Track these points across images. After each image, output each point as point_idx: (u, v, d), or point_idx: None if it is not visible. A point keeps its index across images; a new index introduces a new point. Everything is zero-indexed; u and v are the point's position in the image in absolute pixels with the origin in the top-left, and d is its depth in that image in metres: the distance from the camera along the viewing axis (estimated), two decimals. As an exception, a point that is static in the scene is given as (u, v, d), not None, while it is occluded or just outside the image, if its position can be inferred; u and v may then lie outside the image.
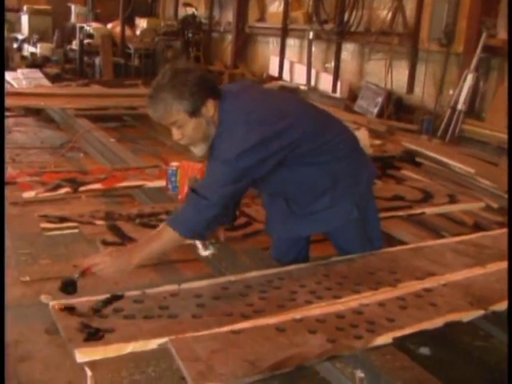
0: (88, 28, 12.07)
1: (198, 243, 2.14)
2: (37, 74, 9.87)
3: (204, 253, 2.15)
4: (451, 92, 6.89)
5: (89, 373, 1.98)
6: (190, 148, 2.13)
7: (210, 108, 2.00)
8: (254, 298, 1.97)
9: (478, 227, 3.53)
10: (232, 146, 1.97)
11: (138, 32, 12.69)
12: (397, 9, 7.75)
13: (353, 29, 8.38)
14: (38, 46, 12.39)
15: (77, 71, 11.60)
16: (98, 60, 11.45)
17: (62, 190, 3.21)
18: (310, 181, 2.18)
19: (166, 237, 1.99)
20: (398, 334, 1.81)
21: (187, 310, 1.84)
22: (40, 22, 13.48)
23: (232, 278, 2.14)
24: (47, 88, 8.58)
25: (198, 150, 2.10)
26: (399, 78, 7.71)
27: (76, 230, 2.67)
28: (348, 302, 1.98)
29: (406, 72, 7.68)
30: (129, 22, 12.79)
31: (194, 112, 1.97)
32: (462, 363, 2.40)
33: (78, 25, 12.51)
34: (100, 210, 2.93)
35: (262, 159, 2.01)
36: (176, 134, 2.02)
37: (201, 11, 12.90)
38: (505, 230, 3.04)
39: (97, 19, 13.33)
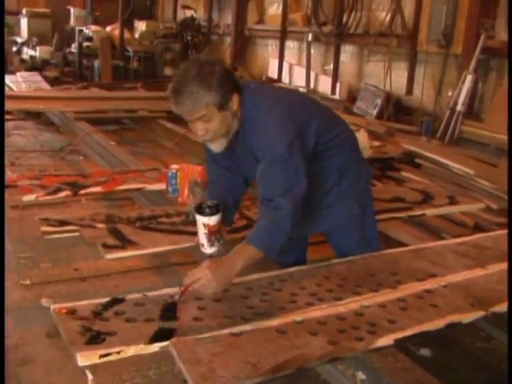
0: (87, 31, 12.07)
1: (205, 239, 2.06)
2: (36, 77, 9.89)
3: (210, 250, 2.09)
4: (450, 93, 6.90)
5: (90, 376, 1.98)
6: (207, 144, 2.07)
7: (235, 102, 1.97)
8: (254, 300, 1.97)
9: (478, 228, 3.53)
10: (278, 142, 1.94)
11: (136, 35, 12.70)
12: (395, 10, 7.76)
13: (351, 31, 8.38)
14: (38, 49, 12.39)
15: (76, 74, 11.61)
16: (97, 63, 11.46)
17: (62, 194, 3.21)
18: (323, 175, 2.19)
19: (252, 254, 1.94)
20: (399, 335, 1.81)
21: (188, 313, 1.83)
22: (39, 25, 13.48)
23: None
24: (46, 91, 8.59)
25: (218, 145, 2.04)
26: (398, 79, 7.72)
27: (76, 234, 2.67)
28: (349, 304, 1.98)
29: (405, 73, 7.69)
30: (128, 24, 12.79)
31: (222, 105, 1.92)
32: (462, 364, 2.40)
33: (77, 28, 12.52)
34: (100, 213, 2.93)
35: (303, 150, 2.00)
36: (200, 129, 1.95)
37: (200, 14, 12.93)
38: (505, 231, 3.04)
39: (96, 22, 13.34)
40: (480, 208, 3.70)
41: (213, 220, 2.03)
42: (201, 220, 2.04)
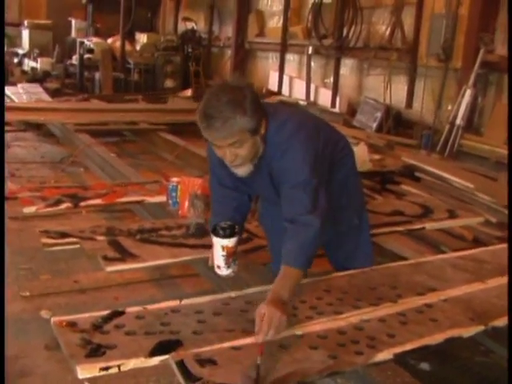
0: (88, 43, 12.16)
1: (222, 261, 2.04)
2: (37, 88, 9.93)
3: (226, 272, 2.07)
4: (450, 107, 6.94)
5: (89, 389, 1.98)
6: (233, 169, 2.02)
7: (264, 126, 1.95)
8: (254, 313, 1.97)
9: (477, 242, 3.54)
10: (302, 167, 1.95)
11: (137, 47, 12.78)
12: (395, 24, 7.83)
13: (352, 44, 8.45)
14: (39, 60, 12.47)
15: (77, 86, 11.68)
16: (97, 75, 11.53)
17: (63, 206, 3.20)
18: (327, 188, 2.13)
19: (295, 275, 1.93)
20: (399, 349, 1.81)
21: (188, 326, 1.84)
22: (40, 36, 13.58)
23: (233, 293, 2.14)
24: (47, 103, 8.63)
25: (244, 170, 2.01)
26: (398, 93, 7.76)
27: (76, 246, 2.67)
28: (349, 318, 1.98)
29: (405, 87, 7.73)
30: (129, 37, 12.89)
31: (255, 130, 1.90)
32: (461, 379, 2.40)
33: (78, 39, 12.62)
34: (101, 226, 2.93)
35: (323, 172, 2.05)
36: (230, 154, 1.92)
37: (200, 26, 13.02)
38: (504, 245, 3.05)
39: (97, 34, 13.44)
40: (479, 222, 3.70)
41: (232, 242, 2.04)
42: (219, 242, 2.03)
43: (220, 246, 2.05)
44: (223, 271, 2.10)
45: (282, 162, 1.98)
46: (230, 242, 2.03)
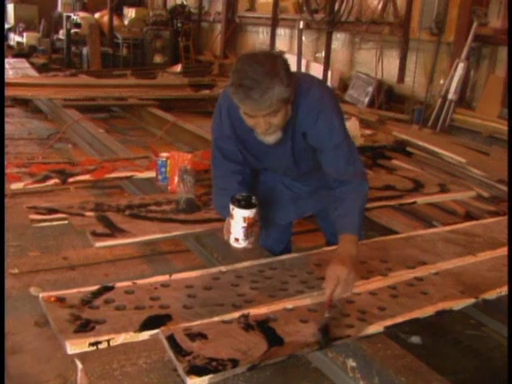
0: (75, 17, 11.95)
1: (242, 233, 2.00)
2: (23, 63, 9.78)
3: (244, 244, 2.02)
4: (442, 81, 6.91)
5: (79, 365, 1.97)
6: (262, 137, 2.00)
7: (293, 93, 1.93)
8: (245, 288, 1.96)
9: (469, 216, 3.54)
10: (339, 128, 2.04)
11: (126, 22, 12.58)
12: (387, -2, 7.74)
13: (343, 18, 8.36)
14: (24, 35, 12.27)
15: (64, 61, 11.52)
16: (85, 50, 11.36)
17: (51, 182, 3.15)
18: None
19: (356, 240, 1.99)
20: (390, 322, 1.81)
21: (178, 301, 1.82)
22: (26, 10, 13.35)
23: (223, 268, 2.12)
24: (34, 78, 8.50)
25: (274, 137, 2.00)
26: (390, 67, 7.71)
27: (65, 222, 2.64)
28: (340, 292, 1.97)
29: (397, 61, 7.68)
30: (117, 11, 12.68)
31: (289, 99, 1.89)
32: (452, 351, 2.41)
33: (64, 14, 12.40)
34: (89, 202, 2.89)
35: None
36: (264, 124, 1.90)
37: (190, 1, 12.82)
38: (496, 219, 3.05)
39: (84, 8, 13.21)
40: (471, 196, 3.70)
41: (253, 212, 2.00)
42: (241, 213, 1.99)
43: (241, 217, 1.99)
44: (241, 243, 2.04)
45: (317, 126, 2.01)
46: (251, 213, 1.99)
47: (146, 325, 1.67)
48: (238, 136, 2.12)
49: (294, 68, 8.93)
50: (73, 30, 11.63)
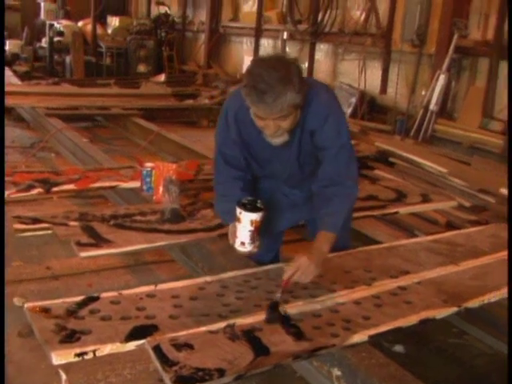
0: (58, 25, 11.88)
1: (248, 237, 2.04)
2: (6, 71, 9.69)
3: (249, 248, 2.07)
4: (424, 92, 6.99)
5: (63, 376, 1.96)
6: (270, 139, 2.07)
7: (304, 99, 2.00)
8: (230, 298, 1.97)
9: (450, 226, 3.58)
10: (343, 130, 2.15)
11: (109, 30, 12.55)
12: (370, 10, 7.83)
13: (327, 29, 8.43)
14: (7, 42, 12.16)
15: (47, 69, 11.43)
16: (68, 58, 11.30)
17: (35, 191, 3.14)
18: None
19: (332, 239, 2.08)
20: (374, 331, 1.83)
21: (164, 311, 1.82)
22: (8, 18, 13.20)
23: (208, 278, 2.13)
24: (17, 86, 8.44)
25: (281, 139, 2.07)
26: (372, 78, 7.78)
27: (49, 231, 2.63)
28: (324, 301, 1.99)
29: (380, 72, 7.76)
30: (100, 20, 12.64)
31: (300, 104, 1.97)
32: (435, 360, 2.44)
33: (47, 22, 12.32)
34: (73, 211, 2.88)
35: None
36: (273, 127, 1.98)
37: (174, 10, 12.84)
38: (477, 228, 3.10)
39: (67, 16, 13.14)
40: (452, 206, 3.75)
41: (260, 216, 2.03)
42: (249, 217, 2.02)
43: (249, 220, 2.02)
44: (247, 247, 2.07)
45: (325, 128, 2.10)
46: (258, 216, 2.02)
47: (132, 335, 1.67)
48: (243, 140, 2.18)
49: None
50: (56, 39, 11.56)
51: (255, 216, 2.01)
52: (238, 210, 2.02)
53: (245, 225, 2.03)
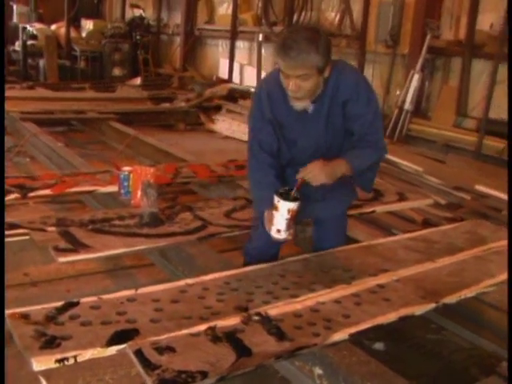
0: (31, 29, 11.74)
1: (285, 225, 2.12)
2: (-22, 77, 9.54)
3: (285, 235, 2.15)
4: (398, 92, 7.07)
5: (44, 382, 1.94)
6: (293, 101, 2.22)
7: (328, 70, 2.17)
8: (211, 300, 1.98)
9: (426, 223, 3.62)
10: (375, 101, 2.33)
11: (84, 34, 12.43)
12: (344, 11, 7.90)
13: (301, 31, 8.46)
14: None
15: (20, 73, 11.28)
16: (42, 62, 11.16)
17: (12, 196, 3.10)
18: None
19: (349, 169, 2.23)
20: (354, 330, 1.85)
21: (145, 315, 1.82)
22: (-21, 21, 13.02)
23: (189, 281, 2.13)
24: (-10, 91, 8.30)
25: (302, 104, 2.23)
26: (347, 79, 7.83)
27: (26, 237, 2.60)
28: (305, 301, 2.01)
29: (354, 73, 7.81)
30: (74, 23, 12.51)
31: (322, 70, 2.13)
32: (415, 356, 2.47)
33: (20, 25, 12.15)
34: (51, 216, 2.85)
35: None
36: (294, 85, 2.13)
37: (148, 13, 12.78)
38: (453, 225, 3.14)
39: (40, 20, 12.97)
40: (428, 204, 3.80)
41: (297, 205, 2.11)
42: (287, 206, 2.10)
43: (286, 209, 2.10)
44: (282, 235, 2.16)
45: (359, 95, 2.26)
46: (295, 206, 2.11)
47: (113, 340, 1.66)
48: (276, 118, 2.31)
49: (253, 81, 8.97)
50: (29, 42, 11.41)
51: (293, 205, 2.10)
52: (276, 199, 2.11)
53: (282, 213, 2.11)
